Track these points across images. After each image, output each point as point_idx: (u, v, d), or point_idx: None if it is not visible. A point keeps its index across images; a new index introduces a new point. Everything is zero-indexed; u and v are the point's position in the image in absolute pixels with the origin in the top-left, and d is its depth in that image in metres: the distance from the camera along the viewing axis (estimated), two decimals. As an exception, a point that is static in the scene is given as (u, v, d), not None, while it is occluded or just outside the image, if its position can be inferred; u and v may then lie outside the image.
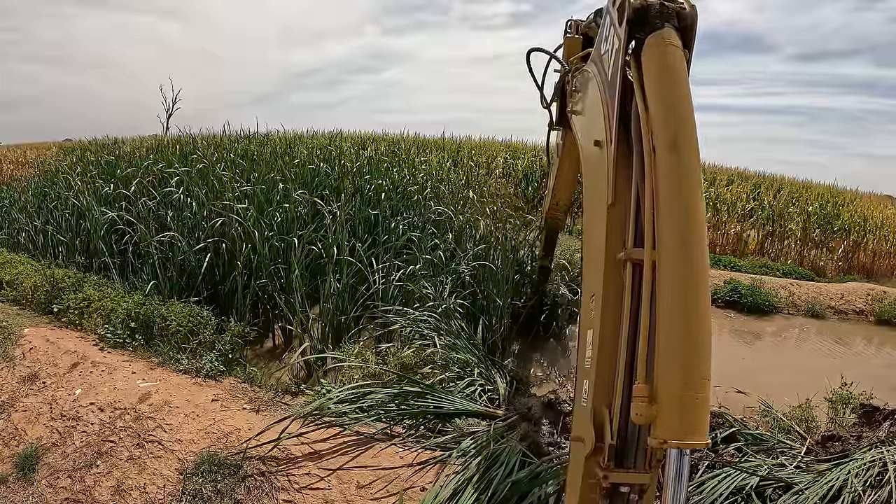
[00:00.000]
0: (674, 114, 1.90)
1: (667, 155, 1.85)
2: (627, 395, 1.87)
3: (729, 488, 3.62)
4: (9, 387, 5.14)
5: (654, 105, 1.93)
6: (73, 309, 6.29)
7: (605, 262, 2.08)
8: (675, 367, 1.70)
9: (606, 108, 2.30)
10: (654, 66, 1.96)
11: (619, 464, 1.91)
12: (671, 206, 1.82)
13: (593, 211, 2.33)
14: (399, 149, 14.79)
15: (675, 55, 1.95)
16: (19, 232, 9.22)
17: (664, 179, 1.85)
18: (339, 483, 3.83)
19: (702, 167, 2.69)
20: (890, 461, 3.74)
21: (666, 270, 1.79)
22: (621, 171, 2.12)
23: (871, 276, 12.76)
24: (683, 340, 1.71)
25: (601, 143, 2.30)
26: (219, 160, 10.09)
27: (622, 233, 2.08)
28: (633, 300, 1.95)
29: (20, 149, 19.86)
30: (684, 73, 1.96)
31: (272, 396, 4.98)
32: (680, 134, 1.87)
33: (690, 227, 1.79)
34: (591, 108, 2.59)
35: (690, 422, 1.67)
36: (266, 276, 6.70)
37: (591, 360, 2.06)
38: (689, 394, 1.67)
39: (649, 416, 1.71)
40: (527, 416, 4.44)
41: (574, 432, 2.19)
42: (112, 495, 3.99)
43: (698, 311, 1.73)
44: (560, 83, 3.78)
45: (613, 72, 2.23)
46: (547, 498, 3.56)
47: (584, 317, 2.27)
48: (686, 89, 1.93)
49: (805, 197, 15.26)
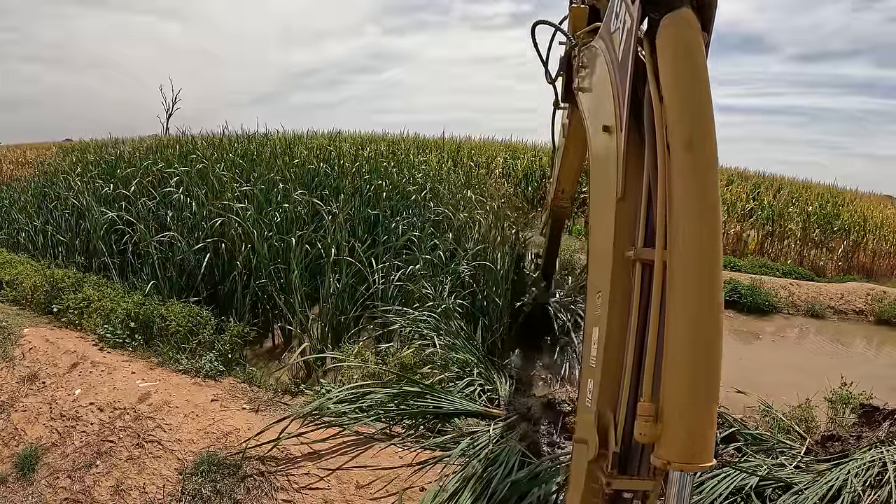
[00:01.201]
0: (691, 107, 1.73)
1: (682, 153, 1.69)
2: (633, 401, 1.80)
3: (728, 488, 3.61)
4: (8, 387, 5.14)
5: (670, 96, 1.75)
6: (72, 309, 6.29)
7: (613, 260, 1.94)
8: (681, 387, 1.62)
9: (616, 93, 2.09)
10: (669, 52, 1.78)
11: (623, 470, 1.85)
12: (685, 212, 1.68)
13: (601, 202, 2.16)
14: (399, 149, 14.80)
15: (694, 39, 1.76)
16: (19, 232, 9.22)
17: (679, 179, 1.70)
18: (338, 483, 3.83)
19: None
20: (890, 461, 3.74)
21: (677, 282, 1.67)
22: (632, 162, 1.95)
23: (871, 276, 12.76)
24: (692, 360, 1.62)
25: (610, 130, 2.11)
26: (218, 160, 10.09)
27: (632, 229, 1.93)
28: (642, 302, 1.84)
29: (20, 149, 19.86)
30: (703, 60, 1.77)
31: (272, 396, 4.98)
32: (697, 131, 1.70)
33: (704, 234, 1.66)
34: (599, 87, 2.40)
35: (695, 443, 1.61)
36: (265, 276, 6.70)
37: (597, 361, 1.98)
38: (696, 415, 1.61)
39: (653, 435, 1.65)
40: (526, 416, 4.44)
41: (578, 434, 2.13)
42: (111, 495, 3.98)
43: (709, 329, 1.63)
44: (566, 56, 3.52)
45: (624, 53, 2.03)
46: (546, 498, 3.56)
47: (589, 313, 2.16)
48: (705, 79, 1.75)
49: (805, 197, 15.27)
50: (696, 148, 1.70)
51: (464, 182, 11.29)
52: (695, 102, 1.74)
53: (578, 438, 2.07)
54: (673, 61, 1.77)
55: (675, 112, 1.74)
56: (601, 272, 2.04)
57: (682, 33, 1.77)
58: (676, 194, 1.70)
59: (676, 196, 1.70)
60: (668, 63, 1.77)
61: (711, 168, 1.71)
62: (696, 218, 1.68)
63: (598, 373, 1.94)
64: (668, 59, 1.77)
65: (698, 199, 1.68)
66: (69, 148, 17.08)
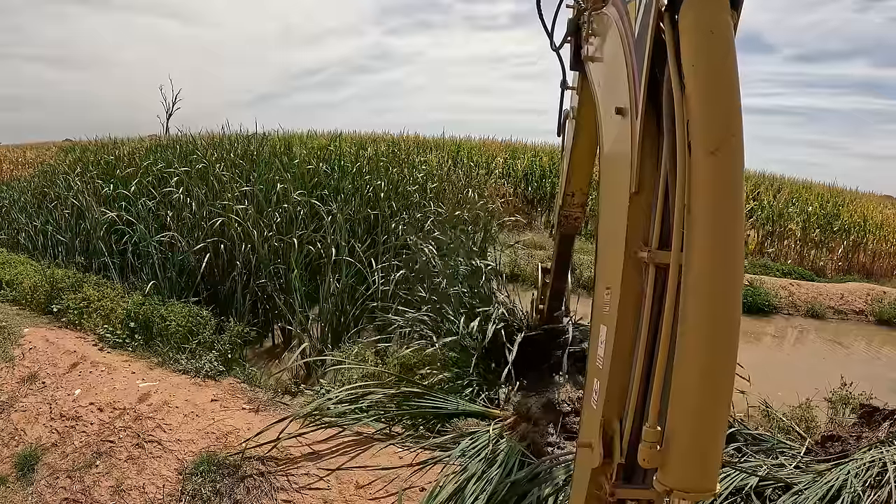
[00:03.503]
0: (717, 104, 1.50)
1: (705, 158, 1.49)
2: (640, 414, 1.72)
3: (728, 488, 3.61)
4: (8, 387, 5.14)
5: (694, 89, 1.52)
6: (72, 309, 6.29)
7: (625, 258, 1.77)
8: (690, 417, 1.52)
9: (632, 73, 1.85)
10: (694, 35, 1.53)
11: (628, 479, 1.78)
12: (704, 224, 1.49)
13: (613, 191, 1.96)
14: (399, 149, 14.81)
15: (723, 21, 1.50)
16: (19, 232, 9.23)
17: (700, 186, 1.50)
18: (338, 483, 3.83)
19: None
20: (890, 461, 3.73)
21: (690, 303, 1.50)
22: (648, 152, 1.75)
23: (871, 277, 12.77)
24: (702, 384, 1.49)
25: (624, 112, 1.89)
26: (218, 160, 10.10)
27: (646, 226, 1.76)
28: (654, 308, 1.69)
29: (20, 149, 19.87)
30: (731, 48, 1.52)
31: (271, 396, 4.97)
32: (723, 132, 1.49)
33: (726, 246, 1.48)
34: (612, 60, 2.14)
35: (700, 473, 1.53)
36: (265, 277, 6.70)
37: (604, 365, 1.87)
38: (702, 447, 1.52)
39: (657, 462, 1.58)
40: (526, 416, 4.43)
41: (582, 437, 2.05)
42: (111, 495, 3.98)
43: (723, 354, 1.48)
44: (574, 20, 3.12)
45: (642, 29, 1.77)
46: (546, 498, 3.56)
47: (596, 310, 2.03)
48: (733, 71, 1.52)
49: (805, 197, 15.29)
50: (722, 152, 1.48)
51: (464, 182, 11.28)
52: (722, 98, 1.51)
53: (582, 443, 1.99)
54: (697, 48, 1.52)
55: (698, 108, 1.51)
56: (611, 267, 1.88)
57: (709, 13, 1.52)
58: (696, 202, 1.51)
59: (696, 204, 1.51)
60: (692, 49, 1.53)
61: (737, 175, 1.51)
62: (717, 232, 1.49)
63: (605, 378, 1.85)
64: (692, 44, 1.53)
65: (720, 212, 1.49)
66: (69, 148, 17.07)
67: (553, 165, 16.16)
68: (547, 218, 14.64)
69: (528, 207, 15.43)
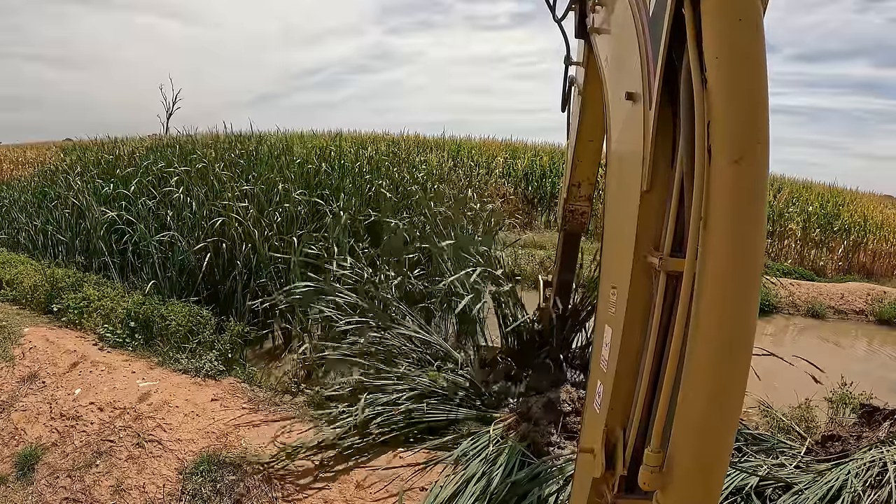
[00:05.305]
0: (743, 107, 1.32)
1: (727, 167, 1.31)
2: (646, 422, 1.66)
3: (728, 488, 3.61)
4: (9, 386, 5.14)
5: (717, 84, 1.33)
6: (72, 308, 6.29)
7: (633, 261, 1.64)
8: (694, 436, 1.45)
9: (645, 57, 1.65)
10: (719, 22, 1.33)
11: (630, 489, 1.71)
12: (723, 239, 1.34)
13: (622, 184, 1.81)
14: (399, 149, 14.80)
15: (753, 7, 1.32)
16: (19, 231, 9.23)
17: (719, 197, 1.34)
18: (338, 483, 3.83)
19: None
20: (890, 461, 3.73)
21: (704, 321, 1.37)
22: (662, 146, 1.58)
23: (871, 276, 12.77)
24: (710, 408, 1.41)
25: (635, 98, 1.70)
26: (218, 160, 10.09)
27: (657, 229, 1.61)
28: (664, 317, 1.57)
29: (20, 149, 19.84)
30: (761, 38, 1.33)
31: (272, 396, 4.98)
32: (749, 138, 1.31)
33: (745, 265, 1.35)
34: (621, 33, 1.92)
35: (702, 496, 1.48)
36: (266, 276, 6.70)
37: (608, 370, 1.78)
38: (705, 468, 1.46)
39: (657, 485, 1.53)
40: (526, 416, 4.43)
41: (583, 442, 1.98)
42: (111, 495, 3.98)
43: (734, 377, 1.39)
44: None
45: (658, 8, 1.57)
46: (546, 498, 3.56)
47: (601, 309, 1.93)
48: (763, 67, 1.32)
49: (805, 197, 15.28)
50: (746, 161, 1.30)
51: (465, 182, 11.27)
52: (748, 99, 1.32)
53: (584, 448, 1.91)
54: (722, 37, 1.33)
55: (721, 109, 1.32)
56: (618, 266, 1.75)
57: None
58: (714, 214, 1.35)
59: (714, 216, 1.35)
60: (716, 38, 1.34)
61: (760, 188, 1.34)
62: (735, 250, 1.34)
63: (609, 384, 1.77)
64: (716, 31, 1.34)
65: (740, 227, 1.34)
66: (69, 147, 17.06)
67: (553, 165, 16.17)
68: (547, 218, 14.66)
69: (529, 207, 15.43)
